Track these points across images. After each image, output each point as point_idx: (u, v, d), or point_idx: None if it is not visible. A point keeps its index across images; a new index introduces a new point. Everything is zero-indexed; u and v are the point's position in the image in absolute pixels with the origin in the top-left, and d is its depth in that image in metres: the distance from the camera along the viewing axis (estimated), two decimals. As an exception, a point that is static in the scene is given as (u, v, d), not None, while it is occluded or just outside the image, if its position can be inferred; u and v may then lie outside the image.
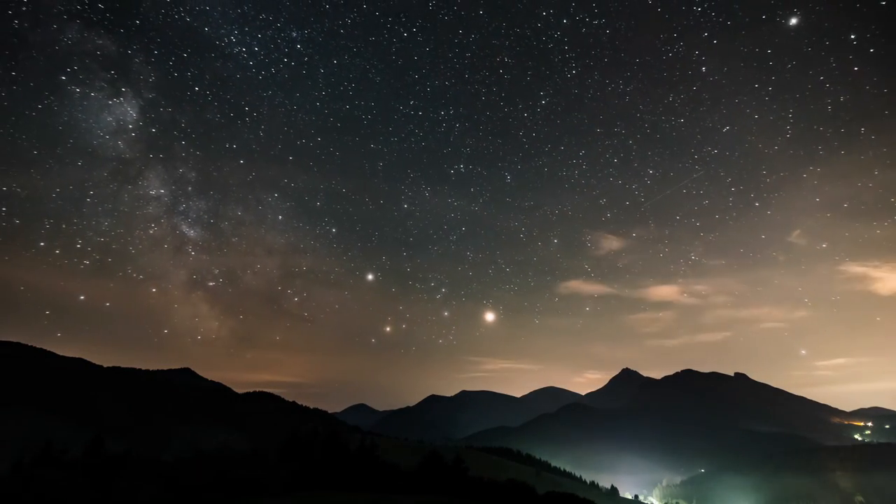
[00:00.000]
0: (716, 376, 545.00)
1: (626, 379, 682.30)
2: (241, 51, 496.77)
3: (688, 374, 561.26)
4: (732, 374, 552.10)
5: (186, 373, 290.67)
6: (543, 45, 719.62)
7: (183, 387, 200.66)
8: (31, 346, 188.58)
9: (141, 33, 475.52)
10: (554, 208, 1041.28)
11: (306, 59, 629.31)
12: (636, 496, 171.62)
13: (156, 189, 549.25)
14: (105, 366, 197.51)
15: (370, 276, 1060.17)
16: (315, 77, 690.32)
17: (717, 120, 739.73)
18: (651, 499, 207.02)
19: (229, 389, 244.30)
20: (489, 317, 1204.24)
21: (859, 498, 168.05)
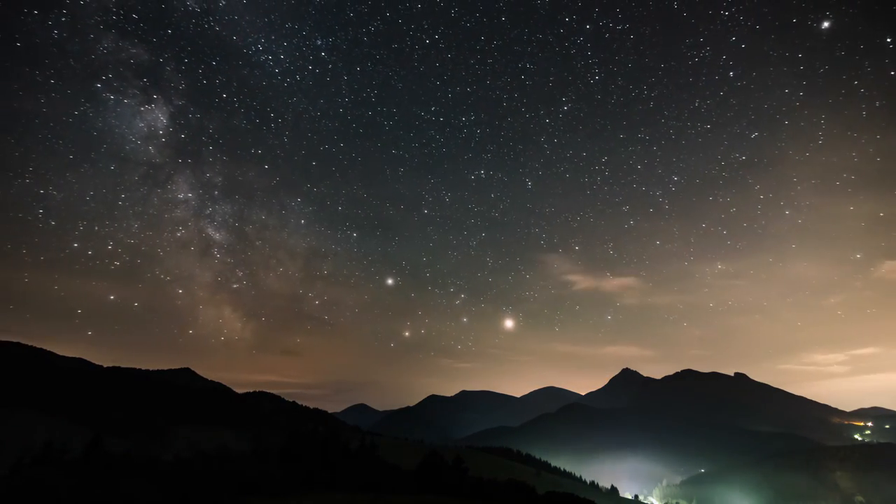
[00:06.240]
0: (716, 376, 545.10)
1: (626, 379, 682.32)
2: (267, 59, 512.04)
3: (688, 374, 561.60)
4: (732, 374, 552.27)
5: (186, 373, 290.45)
6: (566, 50, 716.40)
7: (183, 387, 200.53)
8: (31, 346, 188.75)
9: (172, 42, 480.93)
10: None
11: (330, 66, 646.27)
12: (636, 496, 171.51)
13: (184, 193, 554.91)
14: (105, 366, 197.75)
15: (390, 281, 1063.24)
16: (339, 84, 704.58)
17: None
18: (651, 499, 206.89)
19: (229, 389, 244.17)
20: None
21: (859, 498, 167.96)
